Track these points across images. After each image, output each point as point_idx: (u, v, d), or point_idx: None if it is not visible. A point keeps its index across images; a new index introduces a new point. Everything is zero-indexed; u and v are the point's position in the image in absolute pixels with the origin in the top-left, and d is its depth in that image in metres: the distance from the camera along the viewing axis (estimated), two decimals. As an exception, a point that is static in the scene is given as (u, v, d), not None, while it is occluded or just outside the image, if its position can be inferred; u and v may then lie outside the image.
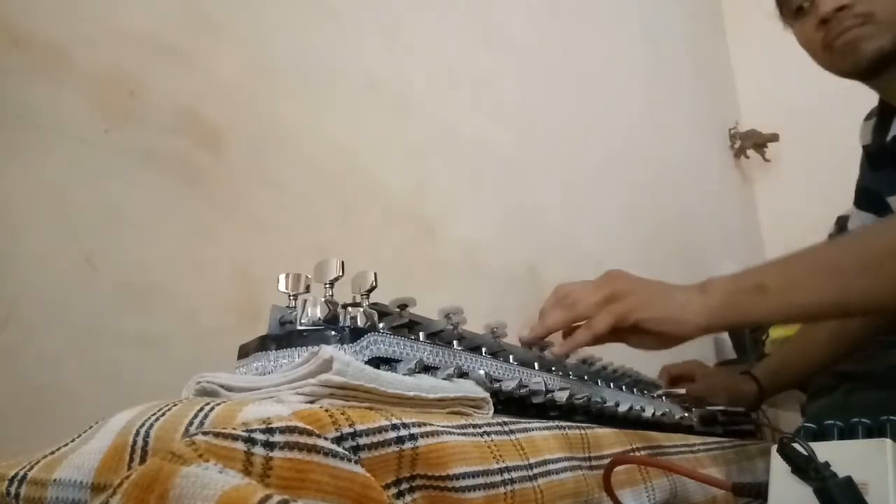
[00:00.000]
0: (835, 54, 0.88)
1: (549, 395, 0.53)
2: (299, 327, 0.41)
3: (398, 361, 0.42)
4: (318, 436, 0.27)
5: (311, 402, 0.33)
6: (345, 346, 0.40)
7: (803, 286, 0.64)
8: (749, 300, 0.64)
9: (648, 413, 0.67)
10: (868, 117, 1.02)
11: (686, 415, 0.80)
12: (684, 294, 0.65)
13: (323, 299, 0.42)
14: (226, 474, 0.23)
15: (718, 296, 0.64)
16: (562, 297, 0.65)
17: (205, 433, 0.25)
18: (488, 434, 0.38)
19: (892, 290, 0.63)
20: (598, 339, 0.63)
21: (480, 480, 0.34)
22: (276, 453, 0.25)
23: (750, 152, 2.33)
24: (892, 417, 0.51)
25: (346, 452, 0.27)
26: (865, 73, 0.88)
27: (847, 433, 0.52)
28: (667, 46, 2.03)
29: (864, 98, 1.01)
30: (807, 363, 1.05)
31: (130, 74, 0.63)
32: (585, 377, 0.65)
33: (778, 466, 0.44)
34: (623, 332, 0.65)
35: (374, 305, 0.45)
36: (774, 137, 2.29)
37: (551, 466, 0.40)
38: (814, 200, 2.13)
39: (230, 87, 0.73)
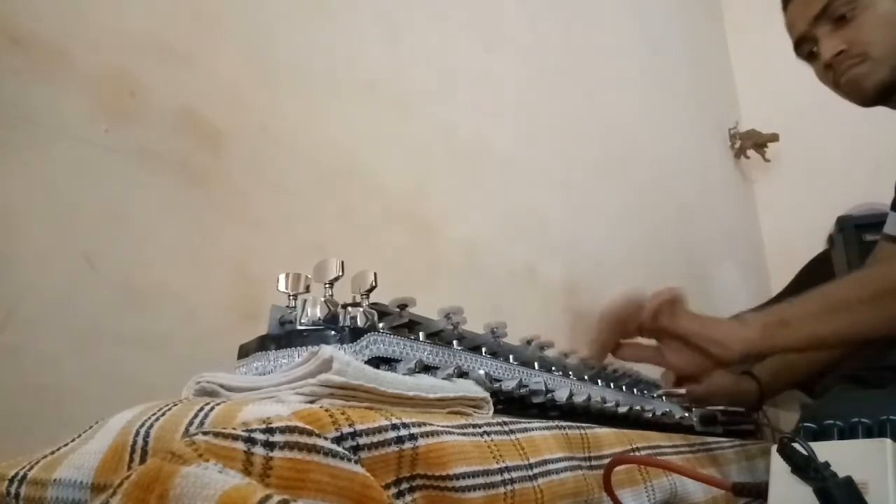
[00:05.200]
0: (843, 91, 0.97)
1: (549, 395, 0.53)
2: (299, 327, 0.41)
3: (398, 361, 0.42)
4: (318, 436, 0.27)
5: (311, 401, 0.33)
6: (345, 345, 0.40)
7: (820, 321, 0.76)
8: (777, 333, 0.75)
9: (648, 413, 0.67)
10: None
11: (686, 415, 0.80)
12: (727, 324, 0.77)
13: (323, 299, 0.42)
14: (226, 474, 0.23)
15: (755, 329, 0.75)
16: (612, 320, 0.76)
17: (205, 433, 0.25)
18: (488, 434, 0.38)
19: (890, 320, 0.75)
20: (651, 318, 0.74)
21: (480, 480, 0.34)
22: (276, 453, 0.25)
23: (750, 152, 2.33)
24: (892, 417, 0.52)
25: (346, 452, 0.27)
26: (875, 103, 0.96)
27: (847, 433, 0.52)
28: (667, 47, 2.03)
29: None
30: (807, 364, 1.05)
31: (130, 74, 0.63)
32: (585, 377, 0.65)
33: (778, 466, 0.44)
34: (667, 345, 0.76)
35: (373, 305, 0.45)
36: (774, 137, 2.29)
37: (551, 466, 0.40)
38: (814, 200, 2.13)
39: (230, 87, 0.73)
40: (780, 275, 1.94)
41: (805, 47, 0.99)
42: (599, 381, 0.68)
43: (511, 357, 0.55)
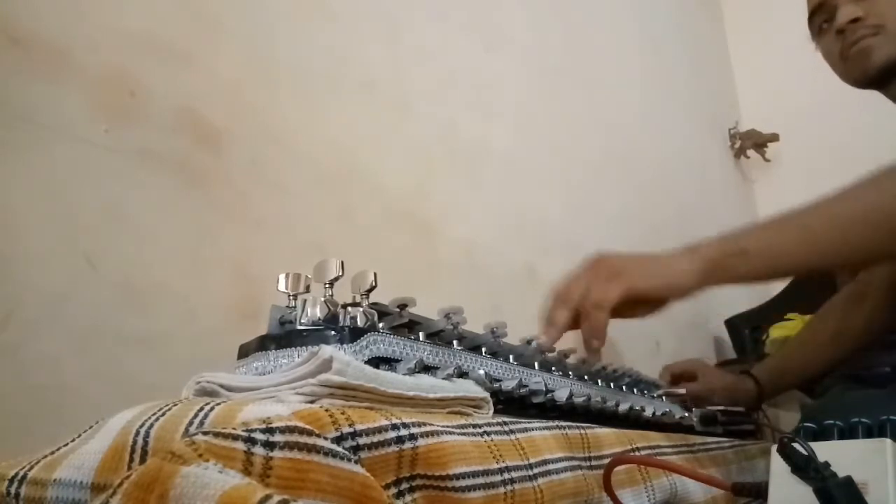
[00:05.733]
0: (848, 63, 0.94)
1: (549, 395, 0.53)
2: (299, 327, 0.41)
3: (398, 361, 0.42)
4: (318, 436, 0.27)
5: (311, 401, 0.33)
6: (344, 345, 0.40)
7: (780, 250, 0.71)
8: (733, 262, 0.70)
9: (648, 413, 0.67)
10: None
11: (686, 415, 0.80)
12: (672, 260, 0.71)
13: (323, 299, 0.42)
14: (226, 474, 0.23)
15: (706, 259, 0.70)
16: (558, 296, 0.68)
17: (205, 433, 0.25)
18: (488, 434, 0.38)
19: (856, 250, 0.71)
20: (612, 312, 0.66)
21: (480, 480, 0.34)
22: (276, 453, 0.25)
23: (750, 152, 2.33)
24: (892, 417, 0.52)
25: (346, 452, 0.27)
26: (876, 80, 0.93)
27: (847, 433, 0.52)
28: (667, 47, 2.03)
29: (864, 99, 1.02)
30: (807, 363, 1.05)
31: (130, 74, 0.63)
32: (585, 377, 0.65)
33: (778, 466, 0.44)
34: (621, 306, 0.68)
35: (373, 305, 0.45)
36: (774, 137, 2.29)
37: (551, 466, 0.40)
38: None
39: (230, 87, 0.73)
40: (779, 275, 1.94)
41: (819, 18, 0.97)
42: (599, 381, 0.68)
43: (511, 357, 0.55)
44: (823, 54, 1.00)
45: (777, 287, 1.80)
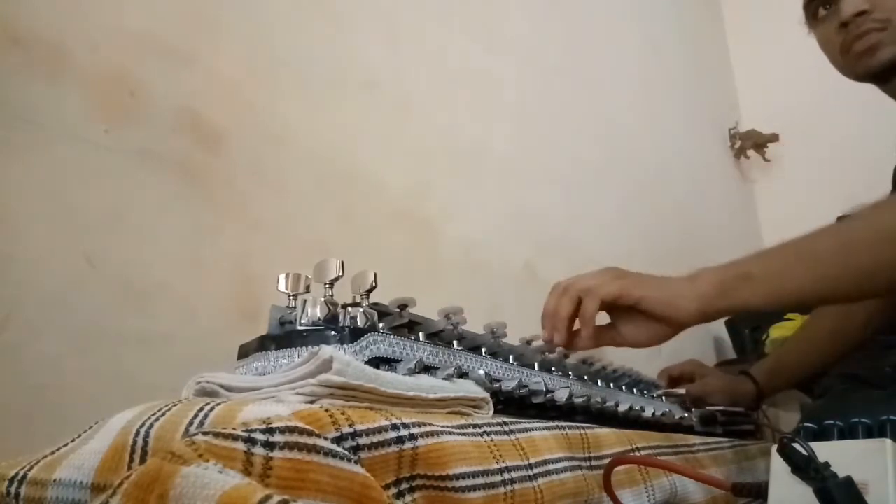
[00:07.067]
0: (851, 58, 0.90)
1: (549, 395, 0.53)
2: (299, 327, 0.41)
3: (398, 361, 0.42)
4: (318, 436, 0.27)
5: (311, 402, 0.33)
6: (345, 346, 0.40)
7: (784, 275, 0.67)
8: (736, 287, 0.67)
9: (648, 413, 0.67)
10: None
11: (686, 415, 0.80)
12: (677, 283, 0.68)
13: (323, 299, 0.42)
14: (226, 474, 0.23)
15: (708, 284, 0.67)
16: (561, 291, 0.67)
17: (205, 433, 0.25)
18: (488, 434, 0.38)
19: (865, 276, 0.66)
20: (602, 306, 0.65)
21: (480, 480, 0.34)
22: (276, 453, 0.25)
23: (750, 152, 2.33)
24: (892, 417, 0.52)
25: (346, 452, 0.27)
26: (879, 77, 0.90)
27: (847, 433, 0.52)
28: (666, 47, 2.03)
29: (864, 98, 1.01)
30: (805, 364, 1.05)
31: (130, 74, 0.63)
32: (585, 377, 0.65)
33: (778, 466, 0.44)
34: (619, 318, 0.67)
35: (374, 305, 0.45)
36: (774, 137, 2.29)
37: (551, 466, 0.40)
38: (814, 200, 2.13)
39: (230, 87, 0.73)
40: (779, 275, 1.94)
41: (816, 2, 0.93)
42: (599, 381, 0.68)
43: (511, 357, 0.55)
44: (820, 42, 0.96)
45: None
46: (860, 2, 0.87)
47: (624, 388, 0.72)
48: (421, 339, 0.46)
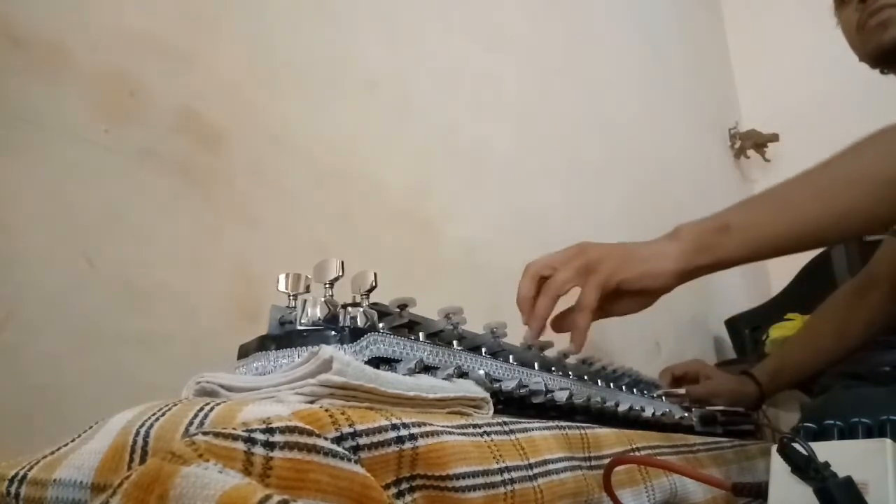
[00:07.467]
0: (865, 34, 0.90)
1: (549, 395, 0.53)
2: (299, 327, 0.41)
3: (398, 361, 0.42)
4: (318, 436, 0.27)
5: (311, 402, 0.33)
6: (345, 346, 0.40)
7: (761, 222, 0.68)
8: (715, 240, 0.67)
9: (648, 413, 0.67)
10: None
11: (686, 415, 0.80)
12: (655, 246, 0.68)
13: (323, 299, 0.42)
14: (226, 474, 0.23)
15: (688, 240, 0.67)
16: (535, 275, 0.66)
17: (205, 433, 0.25)
18: (488, 434, 0.38)
19: (840, 217, 0.67)
20: (593, 315, 0.65)
21: (480, 480, 0.34)
22: (276, 453, 0.25)
23: (750, 152, 2.33)
24: (892, 417, 0.52)
25: (346, 452, 0.27)
26: (891, 56, 0.89)
27: (847, 433, 0.52)
28: (666, 47, 2.03)
29: (864, 98, 1.01)
30: (806, 364, 1.05)
31: (130, 74, 0.63)
32: (585, 377, 0.65)
33: (778, 466, 0.44)
34: (606, 302, 0.66)
35: (374, 305, 0.45)
36: (774, 137, 2.29)
37: (551, 466, 0.40)
38: (814, 200, 2.13)
39: (230, 87, 0.73)
40: (779, 275, 1.93)
41: None
42: (599, 380, 0.68)
43: (511, 357, 0.55)
44: (842, 27, 0.96)
45: (777, 287, 1.80)
46: None
47: (624, 388, 0.72)
48: (421, 339, 0.46)
